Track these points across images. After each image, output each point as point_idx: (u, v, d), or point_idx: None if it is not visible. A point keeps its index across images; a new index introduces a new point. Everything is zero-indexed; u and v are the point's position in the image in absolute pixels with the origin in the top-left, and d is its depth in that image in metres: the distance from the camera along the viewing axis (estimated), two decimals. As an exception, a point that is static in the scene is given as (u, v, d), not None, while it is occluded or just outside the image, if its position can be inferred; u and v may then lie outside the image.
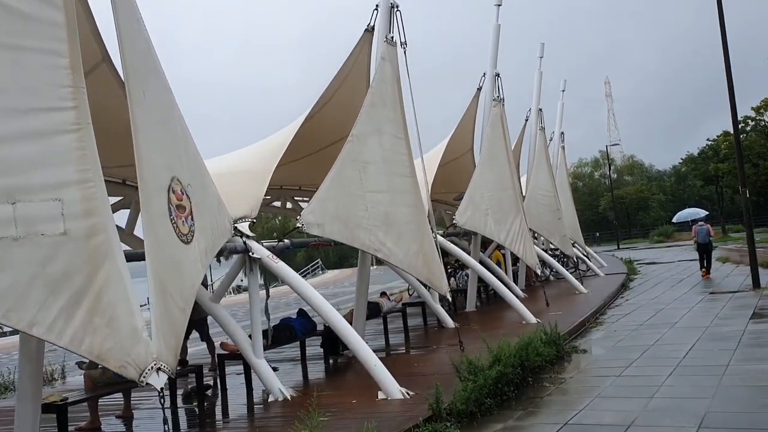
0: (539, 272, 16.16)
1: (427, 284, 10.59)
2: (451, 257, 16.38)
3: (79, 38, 5.39)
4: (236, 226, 7.94)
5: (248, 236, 7.99)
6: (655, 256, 32.94)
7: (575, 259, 22.13)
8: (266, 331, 8.45)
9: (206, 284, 10.63)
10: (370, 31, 10.18)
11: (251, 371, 8.41)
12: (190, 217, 6.24)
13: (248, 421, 7.57)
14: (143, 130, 5.55)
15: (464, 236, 16.51)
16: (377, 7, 9.84)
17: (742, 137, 28.21)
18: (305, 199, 14.08)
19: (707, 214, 27.07)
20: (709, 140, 55.90)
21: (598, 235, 61.77)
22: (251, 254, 7.91)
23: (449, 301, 10.84)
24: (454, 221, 13.70)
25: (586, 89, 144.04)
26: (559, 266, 19.34)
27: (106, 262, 4.92)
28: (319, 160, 11.60)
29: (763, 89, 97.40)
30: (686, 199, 68.18)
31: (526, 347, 8.01)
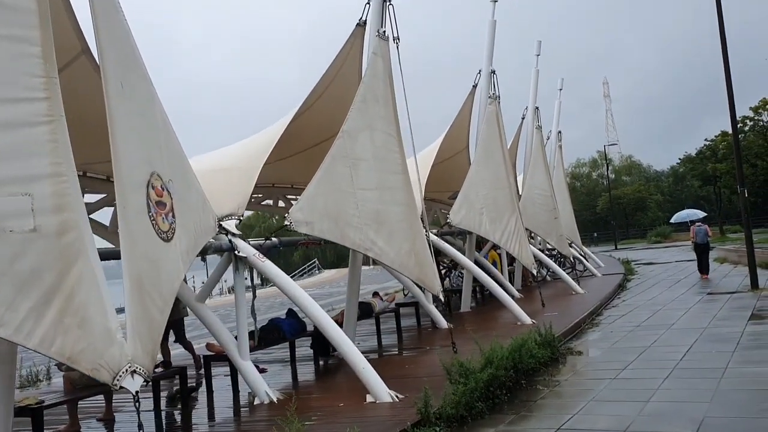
0: (535, 272, 15.94)
1: (419, 284, 10.38)
2: (444, 257, 16.18)
3: (58, 29, 5.18)
4: (221, 223, 7.71)
5: (234, 234, 7.77)
6: (652, 256, 32.77)
7: (572, 259, 21.95)
8: (253, 331, 8.24)
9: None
10: (362, 25, 9.97)
11: (238, 373, 8.20)
12: (171, 214, 6.03)
13: (233, 424, 7.35)
14: (120, 122, 5.34)
15: (459, 235, 16.31)
16: (369, 0, 9.61)
17: (740, 137, 27.97)
18: (297, 197, 13.82)
19: (705, 215, 26.91)
20: (707, 140, 55.89)
21: (595, 235, 61.65)
22: (237, 253, 7.70)
23: (442, 301, 10.62)
24: (448, 220, 13.50)
25: (585, 89, 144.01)
26: (555, 266, 19.18)
27: (78, 260, 4.73)
28: (311, 157, 11.39)
29: (761, 89, 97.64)
30: (684, 199, 68.10)
31: (519, 349, 7.82)
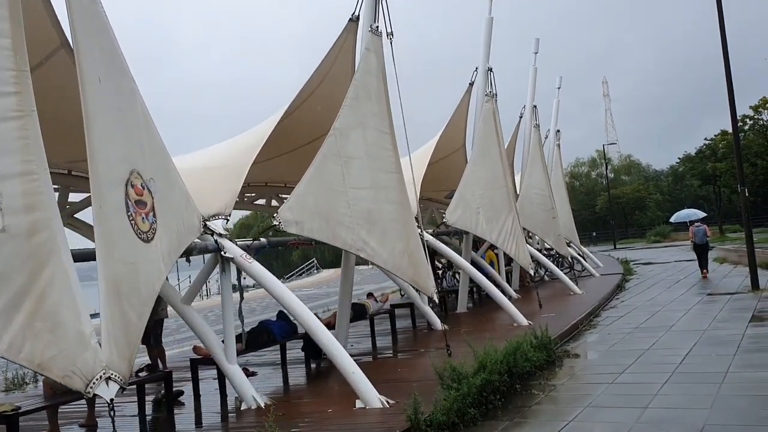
0: (532, 272, 15.72)
1: (413, 285, 10.16)
2: (439, 257, 15.96)
3: (34, 21, 4.96)
4: (207, 223, 7.48)
5: (220, 234, 7.54)
6: (651, 256, 32.56)
7: (570, 259, 21.74)
8: (240, 334, 8.02)
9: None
10: (354, 20, 9.73)
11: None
12: (151, 213, 5.81)
13: (220, 430, 7.14)
14: (97, 118, 5.12)
15: (455, 235, 16.10)
16: (362, -6, 9.38)
17: (740, 136, 27.68)
18: (290, 196, 13.63)
19: (705, 215, 26.72)
20: (706, 140, 55.64)
21: (594, 234, 61.40)
22: (223, 253, 7.47)
23: (436, 302, 10.41)
24: (444, 220, 13.28)
25: (584, 89, 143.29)
26: (553, 266, 18.97)
27: (50, 261, 4.51)
28: (304, 155, 11.10)
29: (761, 88, 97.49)
30: (683, 198, 67.85)
31: (514, 352, 7.61)
